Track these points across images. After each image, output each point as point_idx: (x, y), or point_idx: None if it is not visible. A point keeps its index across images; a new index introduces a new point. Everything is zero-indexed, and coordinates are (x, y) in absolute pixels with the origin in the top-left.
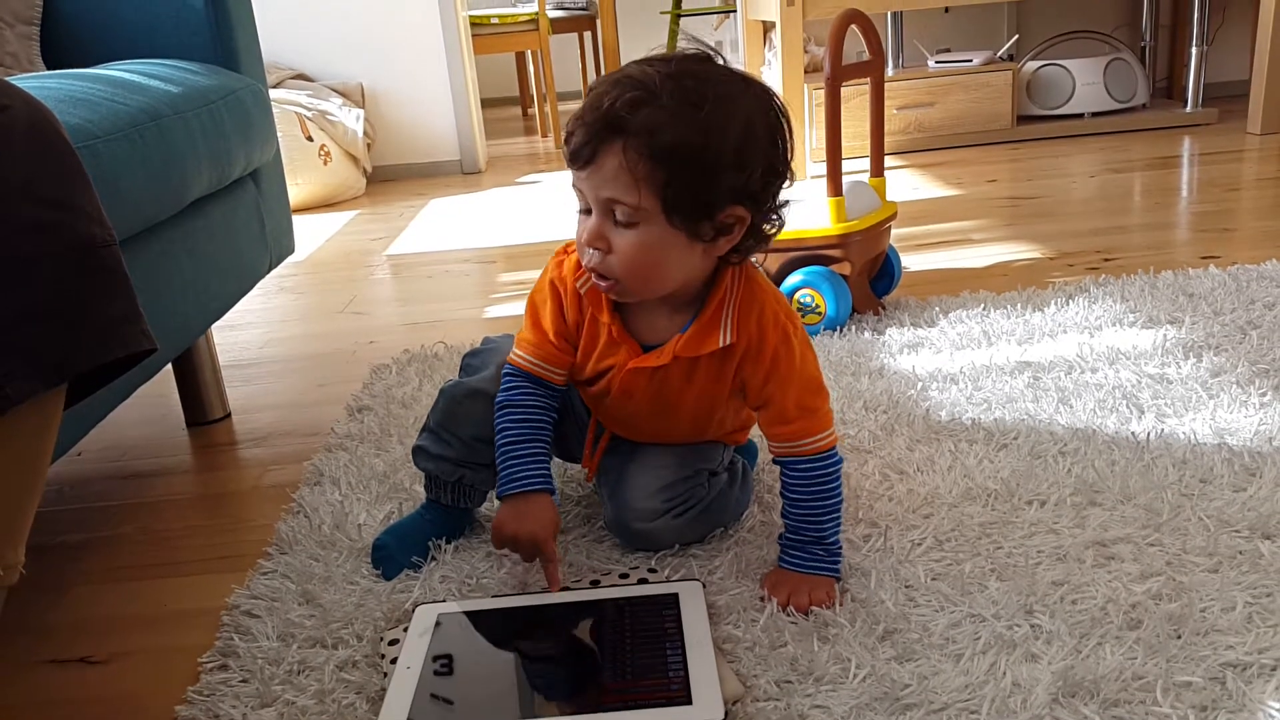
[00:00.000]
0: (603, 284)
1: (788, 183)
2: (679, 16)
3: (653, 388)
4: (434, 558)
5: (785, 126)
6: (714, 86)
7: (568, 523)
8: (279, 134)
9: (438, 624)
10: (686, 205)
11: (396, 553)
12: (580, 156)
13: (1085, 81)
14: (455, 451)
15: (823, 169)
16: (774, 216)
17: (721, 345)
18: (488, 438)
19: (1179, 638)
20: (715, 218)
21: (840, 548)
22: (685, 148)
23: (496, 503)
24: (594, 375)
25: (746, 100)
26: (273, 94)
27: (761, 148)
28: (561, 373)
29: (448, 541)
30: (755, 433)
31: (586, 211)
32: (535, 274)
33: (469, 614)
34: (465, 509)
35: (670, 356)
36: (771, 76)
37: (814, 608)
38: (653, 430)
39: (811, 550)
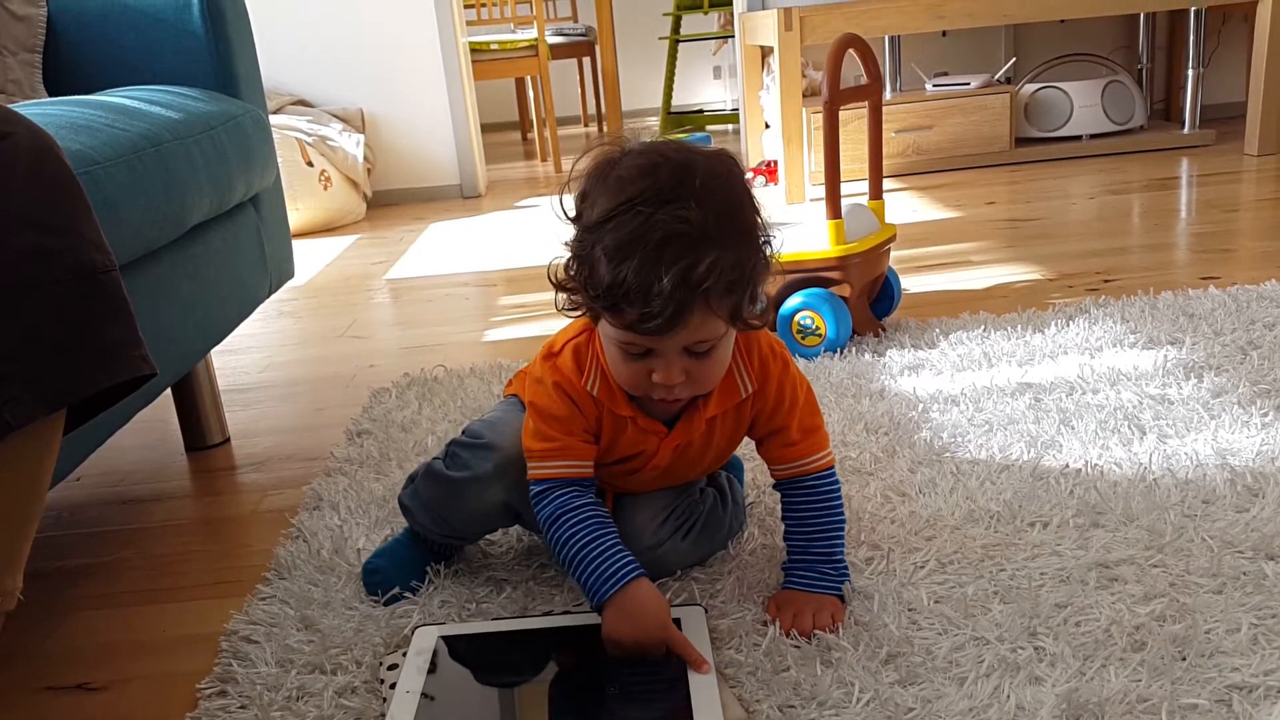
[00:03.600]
0: (674, 400)
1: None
2: (677, 42)
3: (678, 452)
4: (432, 582)
5: (741, 171)
6: (721, 182)
7: None
8: (279, 159)
9: (437, 648)
10: (746, 309)
11: (391, 576)
12: (663, 329)
13: (1083, 104)
14: (448, 530)
15: (822, 192)
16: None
17: (745, 395)
18: (486, 526)
19: (1184, 660)
20: (758, 299)
21: (846, 565)
22: (747, 270)
23: None
24: (620, 459)
25: (734, 176)
26: (273, 119)
27: (755, 208)
28: (590, 465)
29: (446, 566)
30: (739, 451)
31: (640, 355)
32: (535, 297)
33: (469, 638)
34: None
35: (704, 425)
36: (770, 101)
37: (817, 631)
38: (667, 483)
39: (821, 569)
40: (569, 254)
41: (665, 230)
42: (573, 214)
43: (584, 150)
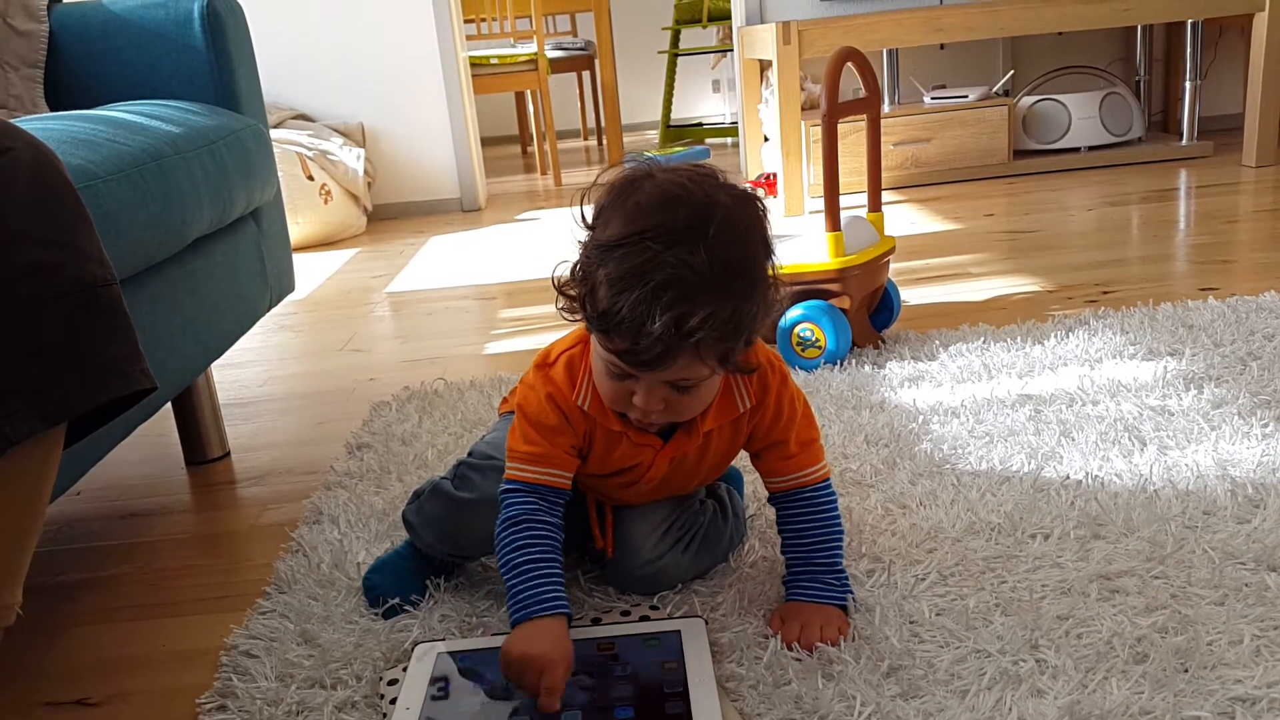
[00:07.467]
0: (651, 426)
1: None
2: (676, 56)
3: (674, 464)
4: (432, 596)
5: (766, 217)
6: (738, 231)
7: (568, 561)
8: (280, 173)
9: (437, 664)
10: (739, 355)
11: (391, 590)
12: (647, 366)
13: (1081, 116)
14: (452, 548)
15: (821, 205)
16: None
17: (743, 410)
18: (492, 546)
19: (1186, 672)
20: (753, 342)
21: (848, 576)
22: (745, 321)
23: None
24: (616, 471)
25: (754, 224)
26: (274, 134)
27: (769, 258)
28: (569, 477)
29: (447, 580)
30: (736, 461)
31: (623, 376)
32: (535, 310)
33: (468, 653)
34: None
35: (700, 438)
36: (769, 114)
37: (817, 644)
38: (664, 494)
39: (825, 580)
40: (575, 263)
41: (667, 273)
42: (590, 222)
43: (616, 162)
